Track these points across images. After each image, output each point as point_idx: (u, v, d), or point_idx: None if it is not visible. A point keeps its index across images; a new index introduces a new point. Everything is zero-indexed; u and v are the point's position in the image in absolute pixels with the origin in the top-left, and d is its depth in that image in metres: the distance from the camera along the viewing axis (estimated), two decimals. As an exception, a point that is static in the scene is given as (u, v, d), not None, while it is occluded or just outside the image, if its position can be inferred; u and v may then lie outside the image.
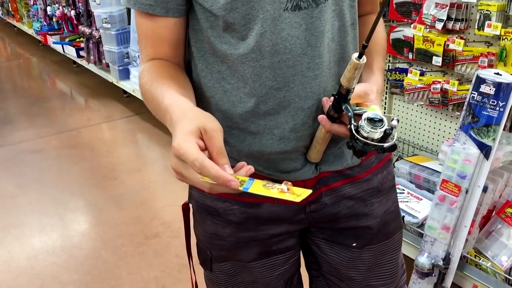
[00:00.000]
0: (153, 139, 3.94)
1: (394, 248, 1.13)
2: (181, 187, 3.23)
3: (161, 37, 0.92)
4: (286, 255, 1.09)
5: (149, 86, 0.87)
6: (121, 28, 4.14)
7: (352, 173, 1.03)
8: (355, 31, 0.94)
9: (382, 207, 1.07)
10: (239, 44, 0.87)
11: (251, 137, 0.94)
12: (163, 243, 2.64)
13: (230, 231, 1.05)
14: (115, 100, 4.68)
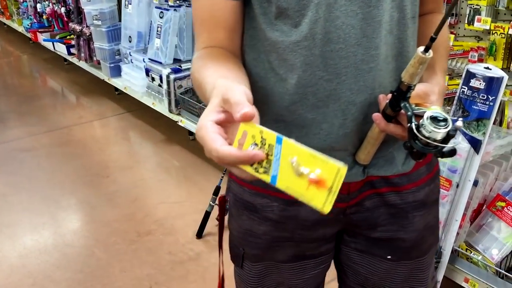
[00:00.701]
0: (145, 136, 3.92)
1: (427, 264, 1.10)
2: (173, 184, 3.24)
3: (218, 21, 0.89)
4: (318, 260, 1.06)
5: (198, 74, 0.84)
6: (111, 25, 4.12)
7: (400, 182, 0.98)
8: (415, 25, 0.90)
9: (423, 221, 1.03)
10: (291, 31, 0.84)
11: (298, 130, 0.90)
12: (156, 240, 2.64)
13: (265, 229, 1.01)
14: (106, 98, 4.66)
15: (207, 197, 2.66)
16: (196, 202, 2.94)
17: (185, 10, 3.51)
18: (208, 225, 2.66)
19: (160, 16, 3.51)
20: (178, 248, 2.57)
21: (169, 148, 3.70)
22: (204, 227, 2.64)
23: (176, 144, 3.74)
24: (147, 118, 4.13)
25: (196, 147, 3.64)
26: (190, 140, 3.76)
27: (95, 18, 4.08)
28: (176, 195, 3.10)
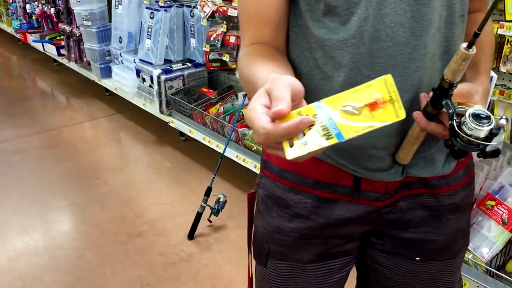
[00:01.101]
0: (136, 137, 3.91)
1: (457, 266, 1.08)
2: (165, 185, 3.22)
3: (264, 18, 0.89)
4: (344, 261, 1.04)
5: (246, 70, 0.84)
6: (102, 25, 4.10)
7: (438, 185, 0.97)
8: (464, 24, 0.88)
9: (456, 224, 1.01)
10: (339, 29, 0.83)
11: None
12: (147, 241, 2.62)
13: (295, 226, 0.99)
14: (97, 99, 4.63)
15: (198, 198, 2.65)
16: (188, 203, 2.93)
17: (176, 11, 3.50)
18: (200, 226, 2.65)
19: (151, 17, 3.50)
20: (169, 249, 2.56)
21: (160, 149, 3.68)
22: (196, 228, 2.63)
23: (167, 145, 3.72)
24: (138, 119, 4.12)
25: (188, 148, 3.63)
26: (181, 141, 3.75)
27: (85, 19, 4.06)
28: (167, 196, 3.09)
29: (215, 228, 2.72)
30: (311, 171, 0.95)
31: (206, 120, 3.17)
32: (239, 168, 2.91)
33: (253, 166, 2.75)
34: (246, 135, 2.81)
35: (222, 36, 3.12)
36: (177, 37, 3.55)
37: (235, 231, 2.70)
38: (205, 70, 3.55)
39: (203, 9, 3.14)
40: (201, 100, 3.35)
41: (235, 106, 3.22)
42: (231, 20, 3.06)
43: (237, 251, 2.54)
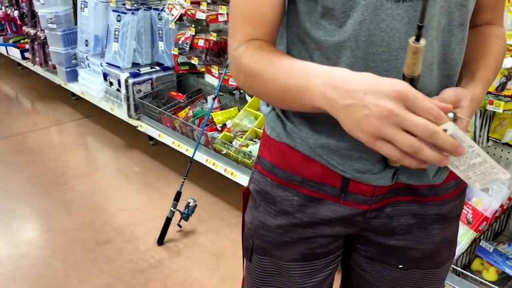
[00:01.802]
0: (104, 142, 3.84)
1: (441, 277, 1.07)
2: (134, 190, 3.18)
3: (263, 16, 0.87)
4: (328, 260, 1.03)
5: (263, 63, 0.84)
6: (67, 28, 4.02)
7: (426, 194, 0.96)
8: (464, 33, 0.87)
9: (441, 234, 1.01)
10: (335, 31, 0.83)
11: (332, 128, 0.88)
12: (115, 248, 2.57)
13: (280, 223, 0.98)
14: (63, 103, 4.53)
15: (168, 203, 2.62)
16: (157, 208, 2.89)
17: (143, 14, 3.46)
18: (170, 232, 2.62)
19: (118, 20, 3.45)
20: (138, 256, 2.51)
21: (129, 154, 3.62)
22: (165, 233, 2.59)
23: (136, 149, 3.67)
24: (106, 124, 4.04)
25: (157, 152, 3.59)
26: (150, 145, 3.70)
27: (50, 22, 3.96)
28: (136, 202, 3.04)
29: (185, 233, 2.69)
30: (301, 169, 0.94)
31: (175, 124, 3.14)
32: (209, 172, 2.89)
33: (223, 169, 2.74)
34: (216, 138, 2.79)
35: (191, 40, 3.09)
36: (145, 40, 3.51)
37: (205, 236, 2.68)
38: (173, 74, 3.52)
39: (171, 12, 3.11)
40: (170, 104, 3.32)
41: (204, 110, 3.20)
42: (200, 23, 3.05)
43: (207, 256, 2.52)
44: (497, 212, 1.89)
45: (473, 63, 0.89)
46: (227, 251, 2.55)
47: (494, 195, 1.88)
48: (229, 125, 2.86)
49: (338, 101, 0.73)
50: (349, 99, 0.72)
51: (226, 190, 3.03)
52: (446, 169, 0.94)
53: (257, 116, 2.81)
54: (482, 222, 1.84)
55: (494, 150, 2.07)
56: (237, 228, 2.73)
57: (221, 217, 2.84)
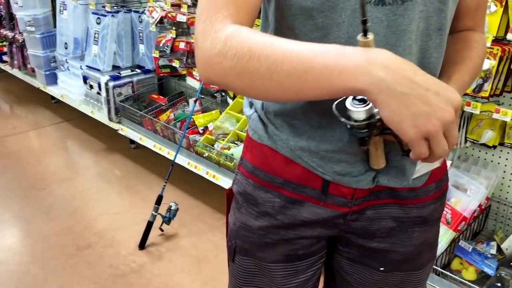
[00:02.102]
0: (84, 146, 3.79)
1: (422, 279, 1.08)
2: (115, 194, 3.14)
3: (247, 0, 0.79)
4: (310, 261, 1.03)
5: (269, 39, 0.73)
6: (46, 31, 3.97)
7: (407, 196, 0.96)
8: (442, 37, 0.87)
9: (422, 237, 1.01)
10: (314, 33, 0.82)
11: (312, 131, 0.89)
12: (96, 253, 2.54)
13: (261, 224, 0.98)
14: (42, 107, 4.47)
15: (150, 207, 2.60)
16: (138, 212, 2.86)
17: (123, 16, 3.43)
18: (151, 236, 2.60)
19: (97, 22, 3.42)
20: (119, 261, 2.49)
21: (109, 158, 3.59)
22: (147, 237, 2.57)
23: (117, 153, 3.64)
24: (86, 127, 4.00)
25: (138, 156, 3.56)
26: (131, 149, 3.67)
27: (28, 24, 3.91)
28: (118, 206, 3.01)
29: (167, 237, 2.67)
30: (282, 171, 0.94)
31: (157, 127, 3.12)
32: (191, 175, 2.88)
33: (205, 172, 2.73)
34: (197, 141, 2.78)
35: (172, 42, 3.08)
36: (125, 43, 3.48)
37: (187, 239, 2.66)
38: (155, 77, 3.50)
39: (152, 15, 3.09)
40: (151, 107, 3.29)
41: (185, 113, 3.19)
42: (180, 26, 3.03)
43: (190, 260, 2.50)
44: (475, 212, 1.92)
45: (451, 66, 0.90)
46: (209, 254, 2.54)
47: (472, 195, 1.91)
48: (211, 128, 2.85)
49: (392, 84, 0.67)
50: (407, 87, 0.68)
51: (208, 193, 3.02)
52: (427, 172, 0.95)
53: (239, 119, 2.81)
54: (461, 222, 1.86)
55: (472, 150, 2.10)
56: (219, 231, 2.72)
57: (203, 220, 2.83)
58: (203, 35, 0.78)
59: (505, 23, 1.78)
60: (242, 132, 2.71)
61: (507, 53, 1.77)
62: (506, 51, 1.76)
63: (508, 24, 1.76)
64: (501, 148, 1.99)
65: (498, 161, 2.03)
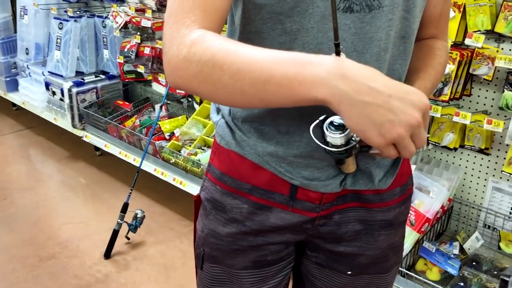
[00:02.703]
0: (47, 154, 3.70)
1: (388, 282, 1.09)
2: (79, 203, 3.07)
3: (214, 2, 0.78)
4: (279, 266, 1.03)
5: (232, 47, 0.72)
6: (6, 36, 3.86)
7: (373, 200, 0.97)
8: (406, 45, 0.88)
9: (388, 240, 1.02)
10: (282, 37, 0.81)
11: (280, 136, 0.88)
12: (60, 264, 2.48)
13: (229, 231, 0.98)
14: (3, 114, 4.33)
15: (115, 215, 2.55)
16: (104, 220, 2.81)
17: (87, 21, 3.37)
18: (117, 244, 2.55)
19: (60, 27, 3.35)
20: (84, 271, 2.43)
21: (74, 165, 3.51)
22: (112, 246, 2.52)
23: (82, 160, 3.56)
24: (49, 135, 3.90)
25: (103, 163, 3.50)
26: (96, 156, 3.60)
27: (-13, 29, 3.80)
28: (82, 215, 2.94)
29: (133, 245, 2.63)
30: (250, 177, 0.93)
31: (122, 134, 3.07)
32: (158, 181, 2.84)
33: (172, 179, 2.70)
34: (164, 147, 2.75)
35: (136, 47, 3.04)
36: (89, 48, 3.42)
37: (154, 247, 2.62)
38: (119, 82, 3.45)
39: (115, 20, 3.05)
40: (116, 113, 3.24)
41: (151, 119, 3.15)
42: (145, 31, 3.00)
43: (157, 268, 2.47)
44: (438, 213, 1.96)
45: (414, 73, 0.91)
46: (177, 262, 2.51)
47: (435, 197, 1.95)
48: (177, 134, 2.82)
49: (352, 95, 0.67)
50: (368, 96, 0.67)
51: (176, 200, 2.99)
52: (392, 175, 0.97)
53: (206, 124, 2.79)
54: (424, 224, 1.90)
55: (434, 153, 2.15)
56: (187, 238, 2.69)
57: (171, 227, 2.80)
58: (170, 40, 0.77)
59: (463, 28, 1.84)
60: (209, 138, 2.70)
61: (465, 58, 1.82)
62: (465, 56, 1.81)
63: (466, 29, 1.81)
64: (461, 150, 2.04)
65: (459, 163, 2.08)
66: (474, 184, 2.06)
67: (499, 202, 1.98)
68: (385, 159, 0.95)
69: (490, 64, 1.78)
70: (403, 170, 1.01)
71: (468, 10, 1.79)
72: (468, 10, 1.79)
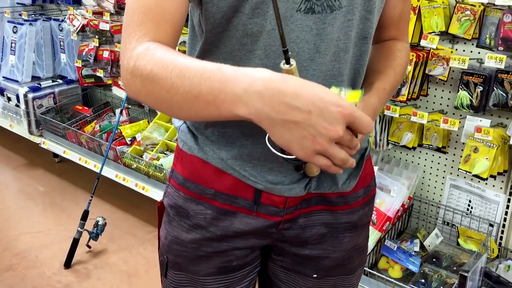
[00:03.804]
0: (3, 161, 3.57)
1: (353, 283, 1.10)
2: (38, 212, 2.98)
3: (166, 12, 0.78)
4: (245, 271, 1.02)
5: (166, 63, 0.73)
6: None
7: (337, 202, 0.97)
8: (367, 46, 0.89)
9: (352, 242, 1.03)
10: (244, 39, 0.81)
11: (244, 139, 0.88)
12: (17, 276, 2.39)
13: (193, 237, 0.96)
14: (-44, 121, 4.17)
15: (76, 223, 2.48)
16: (64, 229, 2.73)
17: (42, 25, 3.28)
18: (77, 253, 2.48)
19: (14, 31, 3.24)
20: (43, 282, 2.35)
21: (31, 173, 3.40)
22: (73, 255, 2.45)
23: (40, 168, 3.46)
24: (5, 142, 3.77)
25: (63, 170, 3.41)
26: (55, 163, 3.51)
27: None
28: (41, 224, 2.85)
29: (94, 253, 2.56)
30: (213, 182, 0.92)
31: (82, 140, 2.99)
32: (120, 187, 2.78)
33: (134, 184, 2.65)
34: (125, 153, 2.70)
35: (95, 51, 2.98)
36: (45, 52, 3.33)
37: (116, 255, 2.57)
38: (78, 87, 3.37)
39: (72, 23, 2.98)
40: (75, 119, 3.17)
41: (112, 123, 3.09)
42: (104, 34, 2.94)
43: (119, 276, 2.41)
44: (399, 212, 1.99)
45: (374, 75, 0.92)
46: (140, 269, 2.46)
47: (395, 195, 1.98)
48: (139, 138, 2.78)
49: (270, 113, 0.68)
50: (287, 114, 0.67)
51: (138, 206, 2.93)
52: (355, 177, 0.98)
53: (168, 128, 2.76)
54: (385, 222, 1.93)
55: (394, 152, 2.19)
56: (150, 244, 2.65)
57: (134, 234, 2.75)
58: (122, 52, 0.80)
59: (418, 29, 1.88)
60: (171, 142, 2.67)
61: (421, 59, 1.86)
62: (421, 57, 1.85)
63: (422, 31, 1.85)
64: (420, 149, 2.08)
65: (418, 162, 2.12)
66: (432, 182, 2.10)
67: (457, 199, 2.03)
68: None
69: (445, 65, 1.82)
70: (366, 171, 1.02)
71: (423, 12, 1.83)
72: (423, 12, 1.83)
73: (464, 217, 1.99)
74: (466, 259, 1.89)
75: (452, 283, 1.75)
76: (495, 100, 1.72)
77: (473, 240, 1.97)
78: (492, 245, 1.89)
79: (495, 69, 1.71)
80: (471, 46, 1.84)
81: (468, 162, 1.82)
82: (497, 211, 1.91)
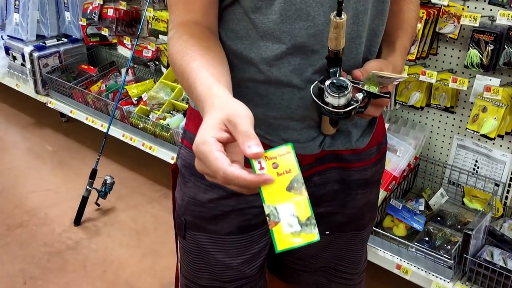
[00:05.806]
0: (10, 121, 3.59)
1: (364, 238, 1.13)
2: (47, 171, 3.02)
3: None
4: (263, 229, 1.04)
5: (180, 60, 0.81)
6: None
7: (350, 160, 0.99)
8: (384, 5, 0.90)
9: (364, 198, 1.05)
10: (260, 2, 0.83)
11: (259, 99, 0.89)
12: (28, 232, 2.44)
13: (210, 197, 0.98)
14: (-38, 81, 4.17)
15: (84, 182, 2.52)
16: (72, 188, 2.77)
17: (46, -18, 3.22)
18: (87, 211, 2.53)
19: (17, -12, 3.19)
20: (54, 238, 2.41)
21: (39, 132, 3.42)
22: (82, 213, 2.50)
23: (48, 127, 3.48)
24: (12, 101, 3.78)
25: (70, 129, 3.43)
26: (62, 122, 3.52)
27: None
28: (50, 182, 2.89)
29: (103, 211, 2.61)
30: None
31: (88, 99, 2.99)
32: (127, 147, 2.80)
33: (141, 144, 2.66)
34: (132, 112, 2.70)
35: (99, 9, 2.93)
36: (49, 11, 3.28)
37: (125, 213, 2.61)
38: (83, 46, 3.34)
39: (76, -20, 2.92)
40: (81, 78, 3.15)
41: (118, 83, 3.08)
42: (108, -9, 2.89)
43: (128, 233, 2.46)
44: (405, 172, 2.00)
45: (392, 33, 0.92)
46: (149, 226, 2.51)
47: (402, 155, 1.98)
48: (145, 98, 2.77)
49: None
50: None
51: (146, 165, 2.96)
52: (369, 134, 0.99)
53: (174, 88, 2.75)
54: (391, 182, 1.93)
55: (401, 112, 2.17)
56: (158, 203, 2.69)
57: (141, 192, 2.78)
58: None
59: (430, -14, 1.82)
60: (177, 102, 2.66)
61: (432, 16, 1.82)
62: (431, 14, 1.81)
63: (433, -12, 1.80)
64: (428, 109, 2.07)
65: (425, 122, 2.11)
66: (439, 142, 2.10)
67: (463, 159, 2.03)
68: (362, 119, 0.97)
69: (456, 23, 1.78)
70: (379, 128, 1.03)
71: (435, -32, 1.78)
72: (435, -32, 1.78)
73: (470, 177, 1.99)
74: (471, 218, 1.90)
75: (456, 241, 1.77)
76: (505, 58, 1.69)
77: (478, 199, 1.98)
78: (497, 204, 1.90)
79: (507, 27, 1.67)
80: (483, 3, 1.79)
81: (476, 121, 1.80)
82: (504, 171, 1.91)
